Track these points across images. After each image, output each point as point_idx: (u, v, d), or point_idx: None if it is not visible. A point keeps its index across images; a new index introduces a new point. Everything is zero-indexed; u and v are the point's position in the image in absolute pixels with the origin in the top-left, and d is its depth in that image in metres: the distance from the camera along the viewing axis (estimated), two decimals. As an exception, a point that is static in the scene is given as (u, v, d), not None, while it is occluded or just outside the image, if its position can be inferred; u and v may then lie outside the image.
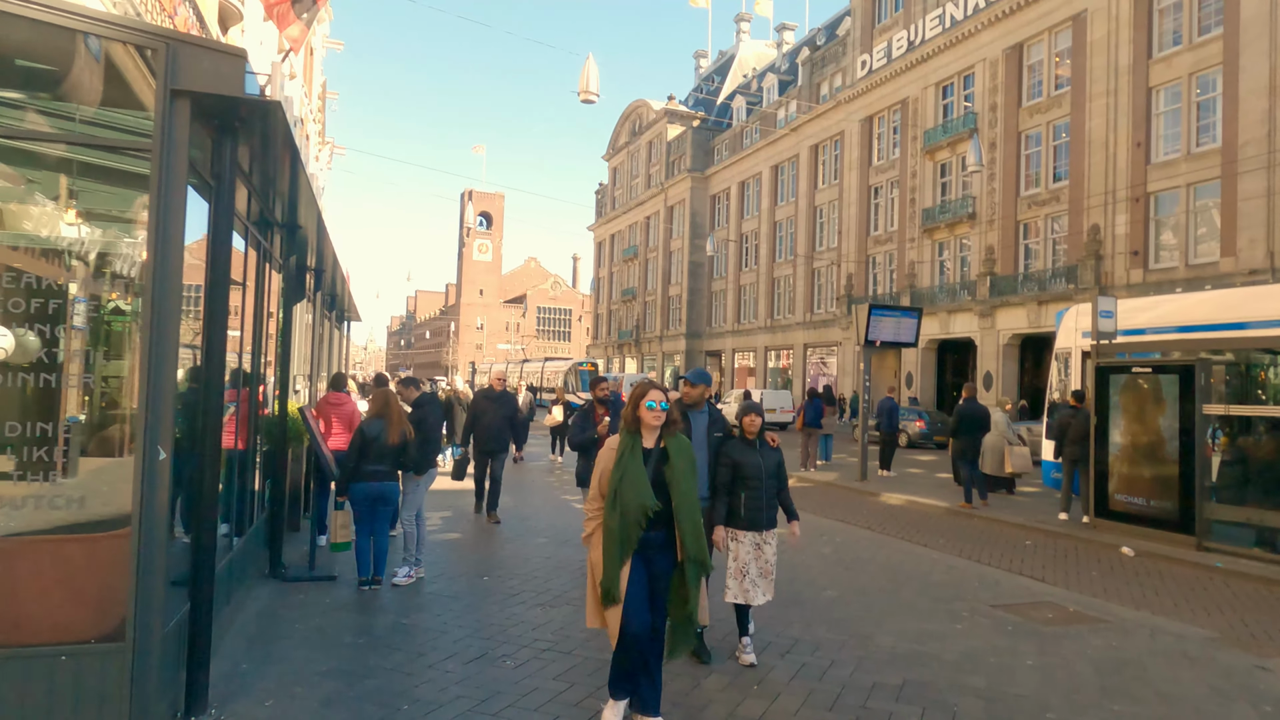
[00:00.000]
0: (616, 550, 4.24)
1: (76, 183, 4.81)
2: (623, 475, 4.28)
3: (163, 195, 4.03)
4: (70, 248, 4.56)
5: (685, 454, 4.49)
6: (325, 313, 14.43)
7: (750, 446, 5.79)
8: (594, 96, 21.24)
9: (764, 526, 5.82)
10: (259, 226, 7.02)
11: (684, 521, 4.34)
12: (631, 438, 4.40)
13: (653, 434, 4.45)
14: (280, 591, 7.16)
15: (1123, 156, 30.24)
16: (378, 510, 7.29)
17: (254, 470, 7.39)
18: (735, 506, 5.75)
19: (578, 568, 8.44)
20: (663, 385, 4.58)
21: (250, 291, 6.69)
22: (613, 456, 4.37)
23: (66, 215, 4.76)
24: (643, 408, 4.39)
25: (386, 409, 7.23)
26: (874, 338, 16.12)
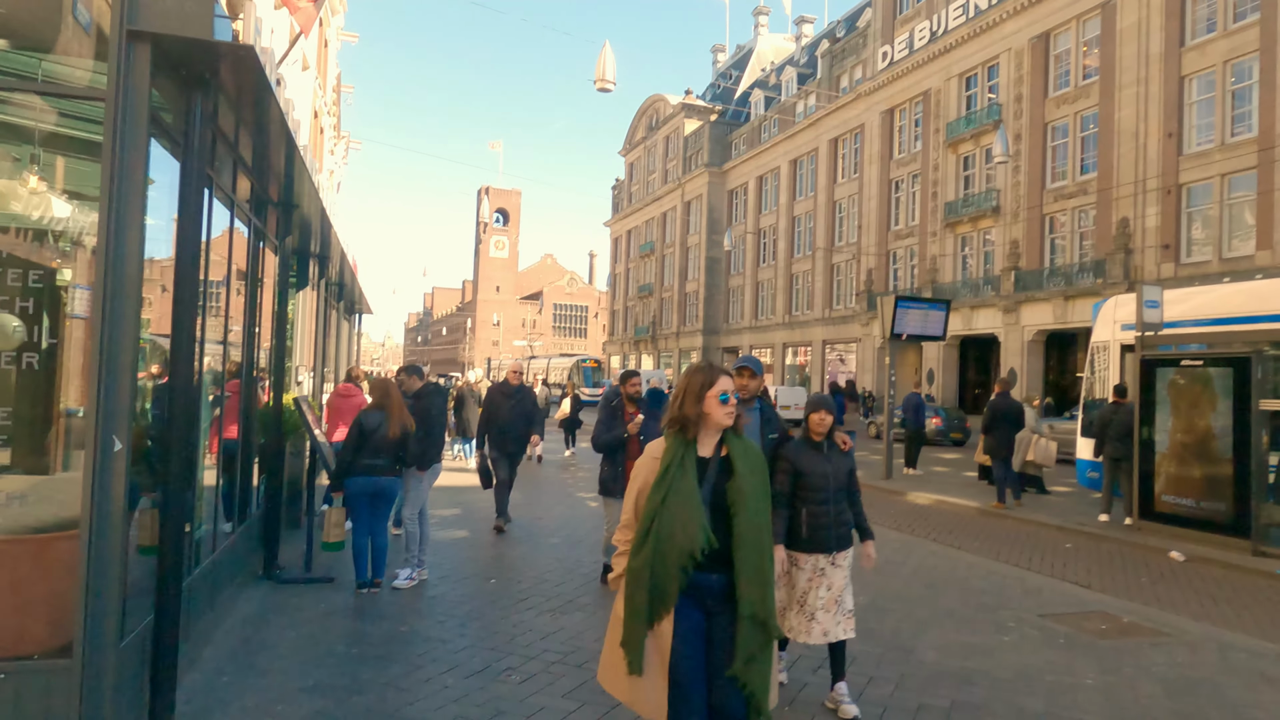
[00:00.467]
0: (644, 603, 3.00)
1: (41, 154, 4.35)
2: (666, 495, 3.00)
3: (118, 152, 3.54)
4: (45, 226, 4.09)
5: (756, 464, 3.17)
6: (333, 303, 13.99)
7: (816, 450, 4.79)
8: (610, 85, 20.72)
9: (832, 548, 4.79)
10: (253, 205, 6.55)
11: (745, 561, 3.01)
12: (683, 444, 3.12)
13: (714, 438, 3.18)
14: (273, 594, 6.69)
15: (1153, 147, 29.41)
16: (377, 507, 6.82)
17: (248, 464, 6.92)
18: (796, 524, 4.73)
19: (590, 570, 7.93)
20: (727, 369, 3.35)
21: (239, 272, 6.21)
22: (654, 468, 3.11)
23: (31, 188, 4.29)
24: (711, 401, 3.12)
25: (386, 399, 6.75)
26: (900, 331, 15.52)
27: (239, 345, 6.47)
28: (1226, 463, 9.64)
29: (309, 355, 10.61)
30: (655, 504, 3.02)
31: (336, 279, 13.80)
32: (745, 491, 3.06)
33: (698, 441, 3.15)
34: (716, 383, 3.15)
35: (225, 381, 6.31)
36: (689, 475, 3.05)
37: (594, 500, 12.59)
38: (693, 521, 2.97)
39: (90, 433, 3.48)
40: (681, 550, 2.95)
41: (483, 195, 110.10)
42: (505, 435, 9.72)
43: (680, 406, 3.16)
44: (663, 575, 2.97)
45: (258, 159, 5.91)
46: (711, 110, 63.65)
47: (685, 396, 3.16)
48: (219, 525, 6.06)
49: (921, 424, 16.69)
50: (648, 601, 2.99)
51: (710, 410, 3.12)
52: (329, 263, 10.64)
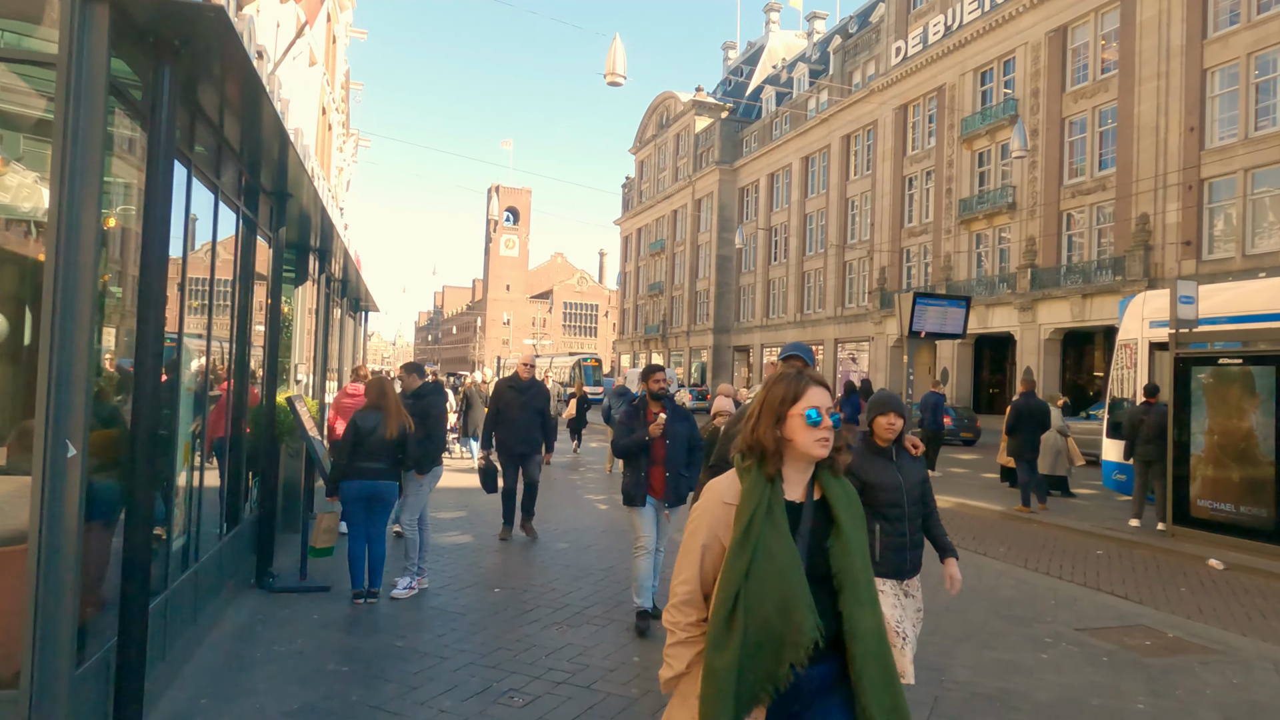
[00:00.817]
0: (730, 712, 2.08)
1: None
2: (753, 562, 2.13)
3: (71, 125, 3.18)
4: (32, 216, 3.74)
5: (858, 514, 2.34)
6: (335, 300, 13.66)
7: (883, 458, 4.14)
8: (621, 79, 20.33)
9: (908, 572, 4.23)
10: (243, 194, 6.20)
11: (866, 654, 2.15)
12: (764, 484, 2.23)
13: (803, 474, 2.31)
14: (264, 604, 6.33)
15: (1174, 142, 28.84)
16: (374, 512, 6.46)
17: (238, 466, 6.57)
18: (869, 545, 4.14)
19: (600, 577, 7.55)
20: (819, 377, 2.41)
21: (225, 261, 5.86)
22: (725, 518, 2.24)
23: None
24: (795, 422, 2.26)
25: (382, 399, 6.39)
26: (919, 329, 15.04)
27: (229, 341, 6.11)
28: (1268, 465, 9.18)
29: (309, 353, 10.25)
30: (737, 575, 2.11)
31: (340, 275, 13.46)
32: (854, 554, 2.20)
33: (782, 479, 2.26)
34: (803, 396, 2.26)
35: (215, 380, 5.96)
36: (781, 532, 2.15)
37: (604, 503, 12.21)
38: (796, 602, 2.08)
39: (40, 436, 3.12)
40: (785, 645, 2.07)
41: (493, 194, 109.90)
42: (513, 436, 8.85)
43: (754, 429, 2.29)
44: (756, 679, 2.08)
45: (246, 143, 5.55)
46: (722, 107, 63.20)
47: (761, 415, 2.30)
48: (204, 531, 5.71)
49: (940, 424, 16.24)
50: (734, 703, 2.07)
51: (795, 435, 2.24)
52: (329, 257, 10.30)
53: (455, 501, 11.47)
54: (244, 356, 6.57)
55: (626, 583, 7.35)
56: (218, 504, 6.00)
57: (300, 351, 9.49)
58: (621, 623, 6.18)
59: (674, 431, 6.05)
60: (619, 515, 11.12)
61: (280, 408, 6.99)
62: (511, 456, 8.97)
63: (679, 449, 6.07)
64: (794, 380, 2.31)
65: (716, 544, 2.22)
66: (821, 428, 2.23)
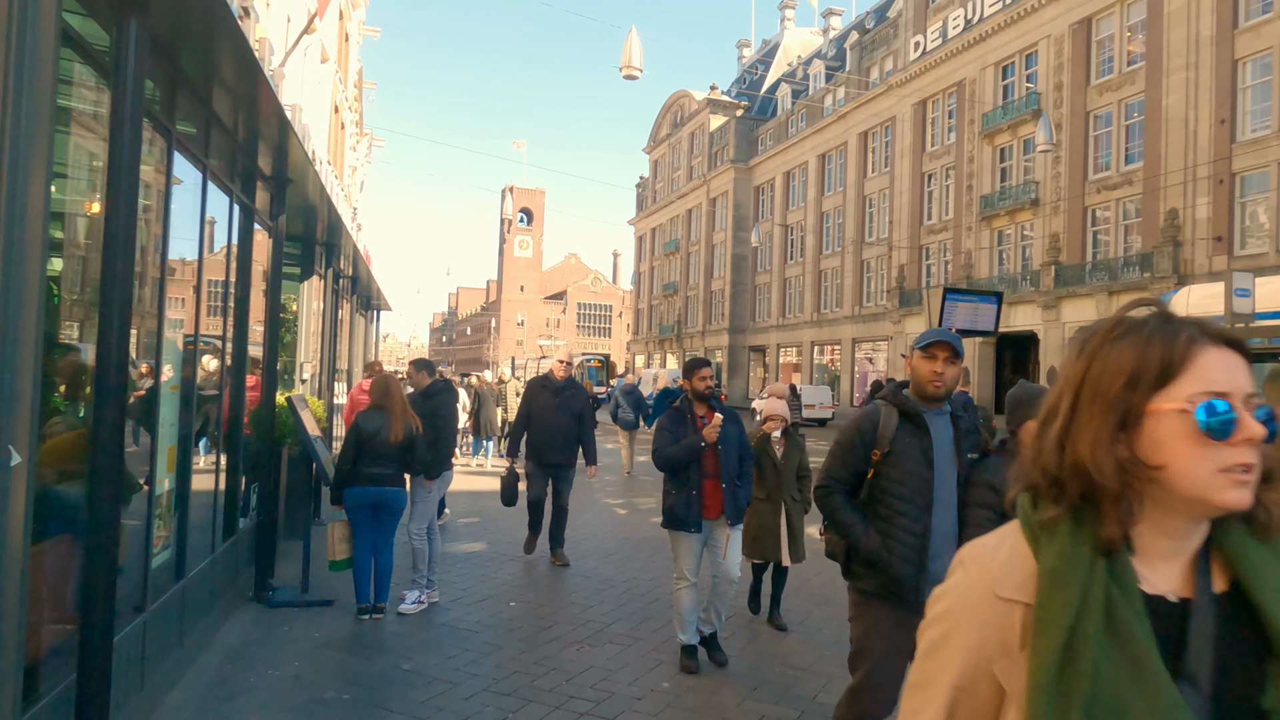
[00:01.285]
0: None
1: None
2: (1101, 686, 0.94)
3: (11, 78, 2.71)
4: None
5: None
6: (345, 297, 13.24)
7: None
8: (637, 72, 19.89)
9: None
10: (241, 179, 5.75)
11: None
12: (1097, 563, 1.00)
13: (1188, 539, 1.05)
14: (261, 621, 5.86)
15: (1204, 135, 28.08)
16: (380, 521, 5.99)
17: (234, 471, 6.12)
18: None
19: (622, 590, 7.06)
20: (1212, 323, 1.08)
21: (218, 249, 5.40)
22: (1008, 626, 1.04)
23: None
24: (1171, 426, 1.01)
25: (387, 399, 5.91)
26: (949, 325, 14.47)
27: (222, 336, 5.65)
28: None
29: (315, 351, 9.81)
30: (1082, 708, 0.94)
31: (350, 272, 13.04)
32: None
33: (1133, 550, 1.04)
34: (1189, 366, 1.03)
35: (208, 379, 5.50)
36: (1142, 667, 0.95)
37: (623, 507, 11.71)
38: None
39: (-24, 441, 2.64)
40: None
41: (507, 195, 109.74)
42: (546, 444, 7.73)
43: (1063, 444, 1.07)
44: None
45: (238, 120, 5.10)
46: (737, 106, 62.62)
47: (1080, 412, 1.07)
48: (196, 542, 5.25)
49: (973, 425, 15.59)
50: None
51: (1171, 455, 1.01)
52: (336, 251, 9.86)
53: (468, 506, 11.00)
54: (241, 353, 6.12)
55: (651, 597, 6.86)
56: (211, 512, 5.53)
57: (306, 350, 9.04)
58: (647, 642, 5.68)
59: (725, 437, 5.15)
60: (639, 521, 10.61)
61: (280, 408, 6.52)
62: (543, 466, 7.85)
63: (732, 458, 5.16)
64: (1160, 334, 1.05)
65: (985, 686, 1.06)
66: (1237, 440, 0.99)
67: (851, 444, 3.32)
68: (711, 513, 5.08)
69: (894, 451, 3.21)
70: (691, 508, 5.02)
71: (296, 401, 6.36)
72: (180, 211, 4.55)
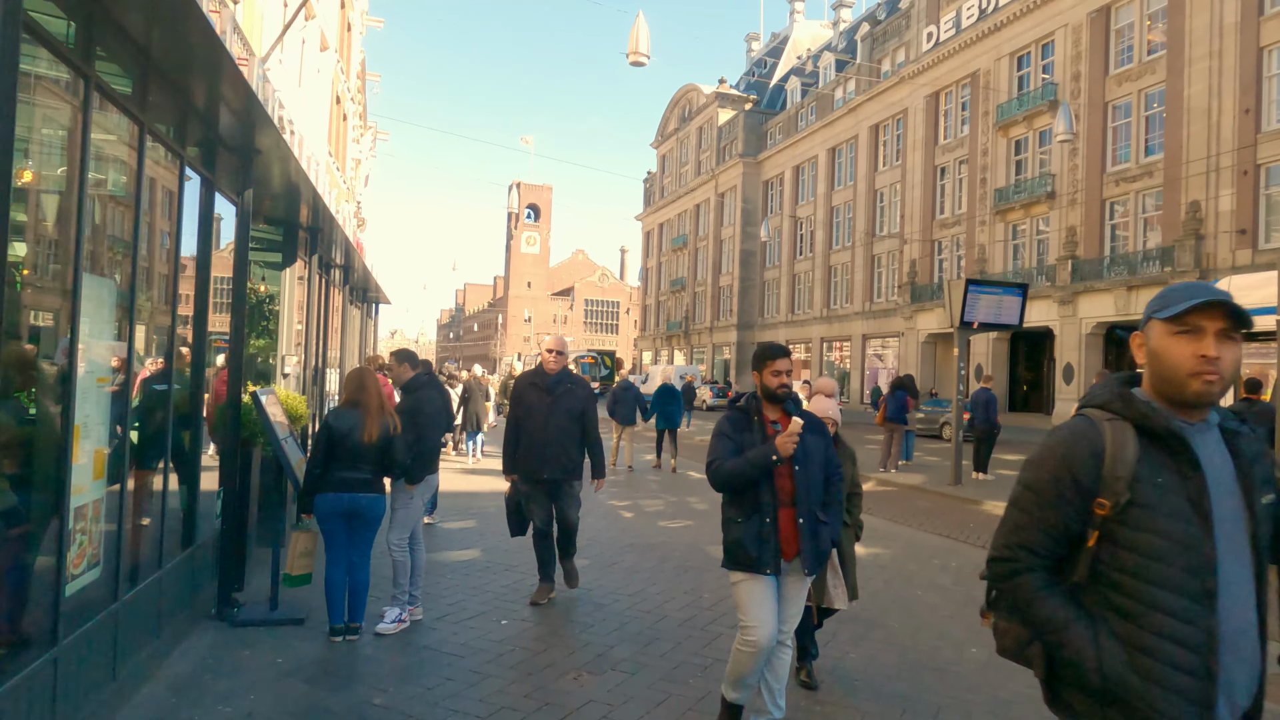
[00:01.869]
0: None
1: None
2: None
3: None
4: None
5: None
6: (335, 287, 12.60)
7: None
8: (644, 58, 19.21)
9: None
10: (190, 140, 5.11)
11: None
12: None
13: None
14: (221, 643, 5.23)
15: (1227, 125, 27.29)
16: (356, 532, 5.35)
17: (193, 475, 5.49)
18: None
19: (625, 605, 6.41)
20: None
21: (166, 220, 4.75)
22: None
23: None
24: None
25: (361, 393, 5.27)
26: (971, 318, 13.82)
27: (170, 321, 5.01)
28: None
29: (299, 344, 9.17)
30: None
31: (341, 261, 12.41)
32: None
33: None
34: None
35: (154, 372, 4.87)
36: None
37: (628, 510, 11.05)
38: None
39: None
40: None
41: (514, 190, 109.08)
42: (535, 455, 6.21)
43: None
44: None
45: (191, 81, 4.46)
46: (746, 99, 61.85)
47: None
48: (142, 556, 4.62)
49: (993, 423, 14.94)
50: None
51: None
52: (321, 235, 9.22)
53: (460, 507, 10.36)
54: (200, 343, 5.48)
55: (658, 614, 6.20)
56: (160, 522, 4.90)
57: (289, 342, 8.41)
58: (654, 669, 5.03)
59: (806, 451, 3.87)
60: (645, 526, 9.96)
61: (247, 407, 5.89)
62: (536, 484, 6.30)
63: (815, 479, 3.90)
64: None
65: None
66: None
67: (1055, 491, 1.95)
68: (789, 552, 3.82)
69: (1138, 502, 1.86)
70: (765, 543, 3.75)
71: (263, 396, 5.72)
72: (108, 166, 3.92)
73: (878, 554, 8.61)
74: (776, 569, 3.77)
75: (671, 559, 8.14)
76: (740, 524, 3.82)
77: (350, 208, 38.22)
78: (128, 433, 4.20)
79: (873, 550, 8.76)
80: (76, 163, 3.44)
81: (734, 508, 3.88)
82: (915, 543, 9.37)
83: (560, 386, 6.32)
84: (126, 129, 4.05)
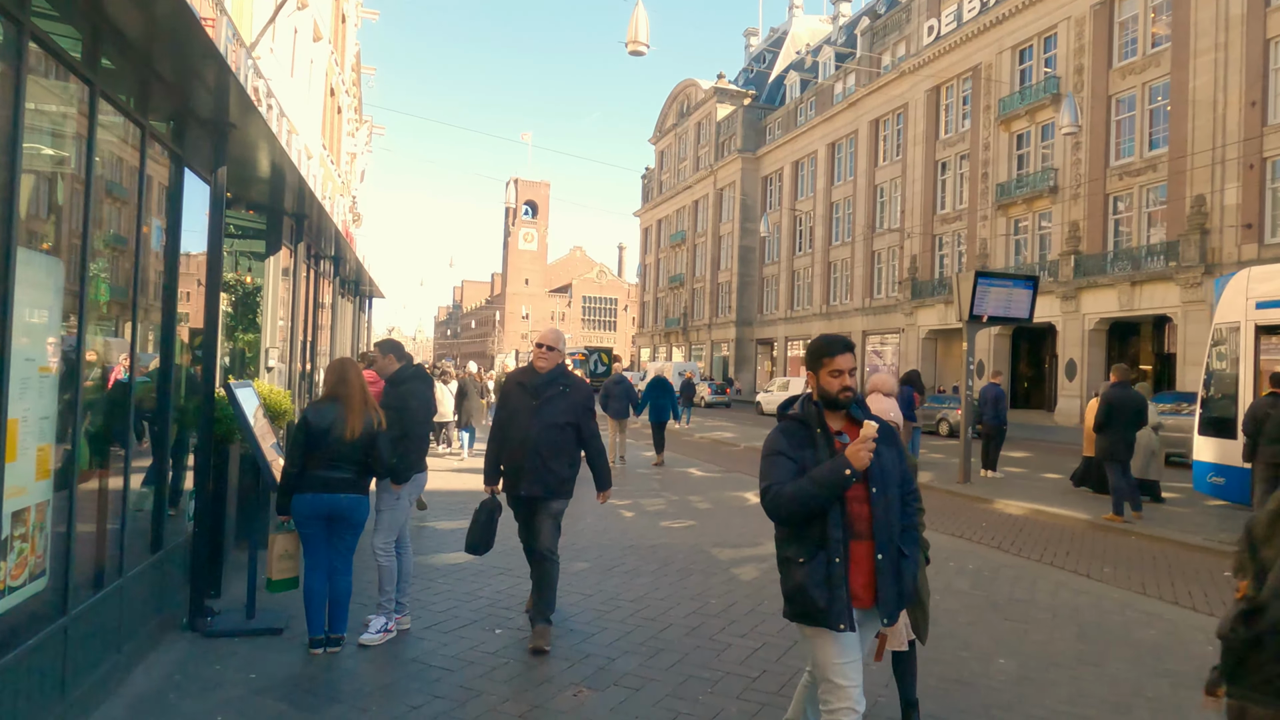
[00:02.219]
0: None
1: None
2: None
3: None
4: None
5: None
6: (325, 278, 12.21)
7: None
8: (643, 47, 18.79)
9: None
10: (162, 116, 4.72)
11: None
12: None
13: None
14: (192, 655, 4.83)
15: (1233, 118, 26.91)
16: (337, 535, 4.95)
17: (159, 475, 5.10)
18: None
19: (628, 612, 6.03)
20: None
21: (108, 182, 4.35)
22: None
23: None
24: None
25: (343, 387, 4.87)
26: (980, 312, 13.44)
27: (135, 309, 4.61)
28: None
29: (284, 336, 8.77)
30: None
31: (331, 252, 12.01)
32: None
33: None
34: None
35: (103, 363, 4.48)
36: None
37: (629, 509, 10.67)
38: None
39: None
40: None
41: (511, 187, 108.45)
42: (513, 466, 5.21)
43: None
44: None
45: (153, 44, 4.07)
46: (745, 94, 61.43)
47: None
48: (103, 562, 4.23)
49: (1003, 419, 14.57)
50: None
51: None
52: (309, 224, 8.82)
53: (451, 507, 9.96)
54: (170, 331, 5.08)
55: (664, 621, 5.82)
56: (121, 525, 4.50)
57: (272, 334, 8.02)
58: (661, 683, 4.64)
59: (882, 468, 3.09)
60: (647, 526, 9.58)
61: (220, 401, 5.49)
62: (515, 501, 5.35)
63: (894, 500, 3.13)
64: None
65: None
66: None
67: None
68: (863, 599, 3.05)
69: None
70: (836, 589, 2.98)
71: (238, 389, 5.33)
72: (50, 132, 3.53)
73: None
74: (850, 622, 2.97)
75: (674, 562, 7.75)
76: (802, 565, 3.00)
77: (345, 201, 37.79)
78: (78, 428, 3.80)
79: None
80: (8, 124, 3.04)
81: (794, 545, 3.07)
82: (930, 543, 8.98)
83: (549, 389, 5.25)
84: (75, 92, 3.65)
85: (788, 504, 2.98)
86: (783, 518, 3.04)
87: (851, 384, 3.15)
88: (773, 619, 5.85)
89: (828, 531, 2.99)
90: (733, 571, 7.43)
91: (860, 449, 2.95)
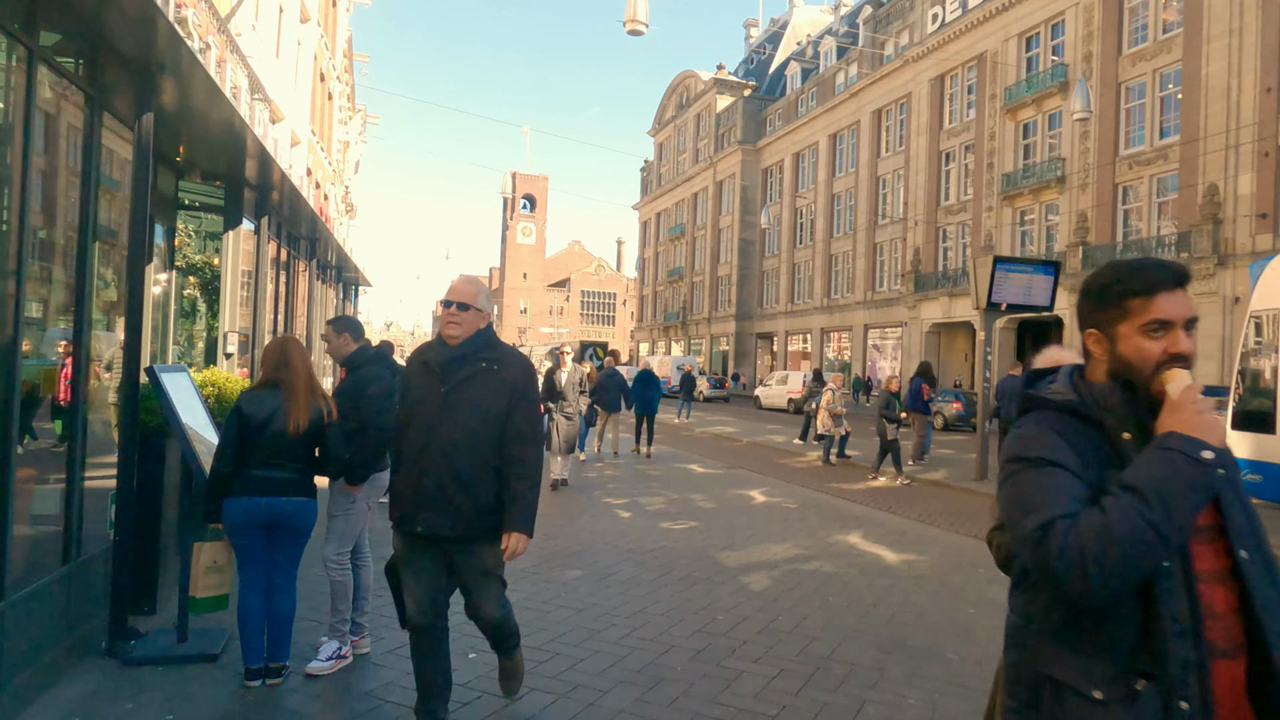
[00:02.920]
0: None
1: None
2: None
3: None
4: None
5: None
6: (302, 261, 11.43)
7: None
8: (642, 27, 18.08)
9: None
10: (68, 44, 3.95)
11: None
12: None
13: None
14: (103, 689, 4.06)
15: (1248, 105, 26.15)
16: (277, 545, 4.18)
17: (73, 473, 4.33)
18: None
19: (625, 630, 5.26)
20: None
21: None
22: None
23: None
24: None
25: (285, 371, 4.09)
26: (999, 299, 12.70)
27: (20, 279, 3.84)
28: None
29: (246, 320, 7.99)
30: None
31: (308, 233, 11.24)
32: None
33: None
34: None
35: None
36: None
37: (626, 509, 9.90)
38: None
39: None
40: None
41: (509, 180, 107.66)
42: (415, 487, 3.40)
43: None
44: None
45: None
46: (745, 85, 60.59)
47: None
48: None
49: (1018, 414, 13.87)
50: None
51: None
52: (275, 196, 8.04)
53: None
54: (83, 308, 4.31)
55: (665, 642, 5.06)
56: (10, 534, 3.73)
57: (231, 317, 7.24)
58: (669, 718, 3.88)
59: (1245, 510, 1.68)
60: (647, 528, 8.81)
61: (145, 390, 4.71)
62: (412, 541, 3.49)
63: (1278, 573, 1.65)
64: None
65: None
66: None
67: None
68: None
69: None
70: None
71: (165, 374, 4.56)
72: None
73: (913, 562, 7.48)
74: None
75: (676, 569, 7.00)
76: (1103, 709, 1.48)
77: (338, 190, 36.96)
78: None
79: (907, 557, 7.63)
80: None
81: (1076, 655, 1.54)
82: (952, 548, 8.23)
83: (462, 368, 3.44)
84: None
85: (1115, 553, 1.42)
86: (1094, 584, 1.43)
87: (1188, 350, 1.66)
88: (789, 639, 5.10)
89: (1162, 630, 1.46)
90: (741, 580, 6.67)
91: (1196, 404, 1.53)
